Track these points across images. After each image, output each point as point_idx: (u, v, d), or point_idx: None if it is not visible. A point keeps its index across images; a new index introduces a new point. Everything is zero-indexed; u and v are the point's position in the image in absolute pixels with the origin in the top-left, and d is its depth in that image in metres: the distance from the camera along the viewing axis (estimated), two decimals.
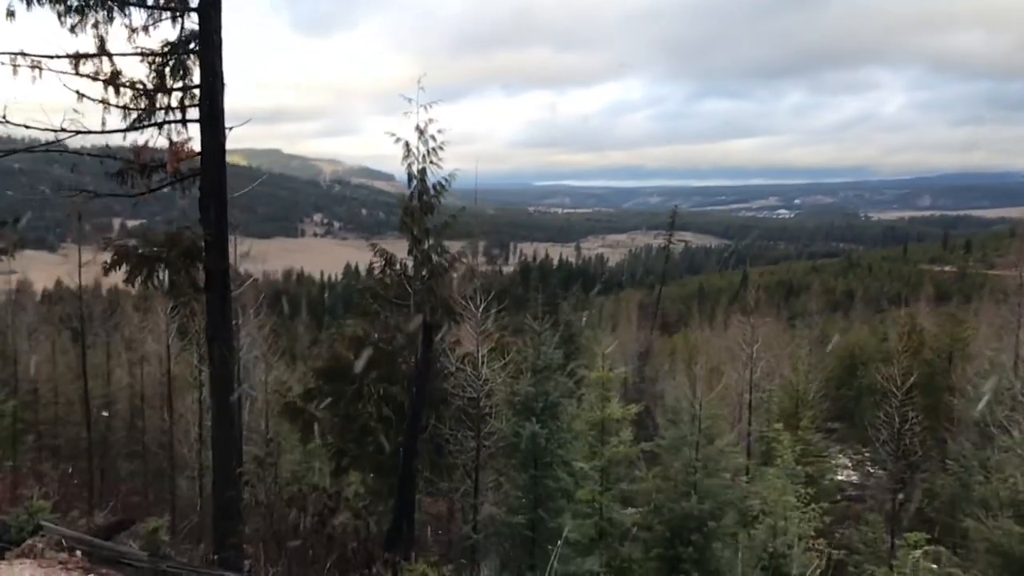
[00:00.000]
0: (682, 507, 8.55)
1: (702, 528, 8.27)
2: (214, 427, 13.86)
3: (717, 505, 8.04)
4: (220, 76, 13.33)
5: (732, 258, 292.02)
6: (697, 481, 8.22)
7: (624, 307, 65.20)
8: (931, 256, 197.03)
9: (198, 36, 13.10)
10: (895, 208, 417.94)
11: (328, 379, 13.51)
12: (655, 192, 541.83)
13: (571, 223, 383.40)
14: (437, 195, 14.63)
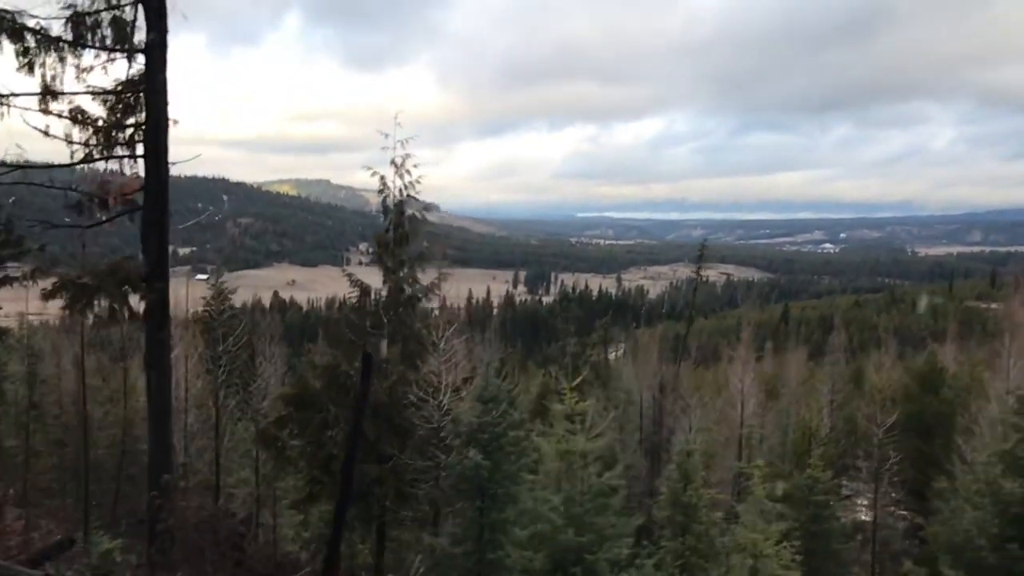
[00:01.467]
0: (560, 539, 8.69)
1: (581, 560, 8.37)
2: (151, 455, 14.27)
3: (600, 538, 8.14)
4: (165, 114, 14.00)
5: (774, 292, 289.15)
6: (580, 514, 8.37)
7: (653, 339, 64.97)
8: (978, 292, 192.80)
9: (144, 77, 13.76)
10: (943, 243, 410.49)
11: (297, 407, 13.97)
12: (698, 225, 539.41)
13: (613, 254, 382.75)
14: (413, 227, 15.07)
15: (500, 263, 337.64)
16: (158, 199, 14.13)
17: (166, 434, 14.25)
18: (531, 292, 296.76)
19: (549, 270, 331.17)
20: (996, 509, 11.70)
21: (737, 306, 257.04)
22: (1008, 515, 11.41)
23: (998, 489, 11.89)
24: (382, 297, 14.76)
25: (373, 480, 13.01)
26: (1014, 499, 11.39)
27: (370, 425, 13.02)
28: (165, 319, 14.42)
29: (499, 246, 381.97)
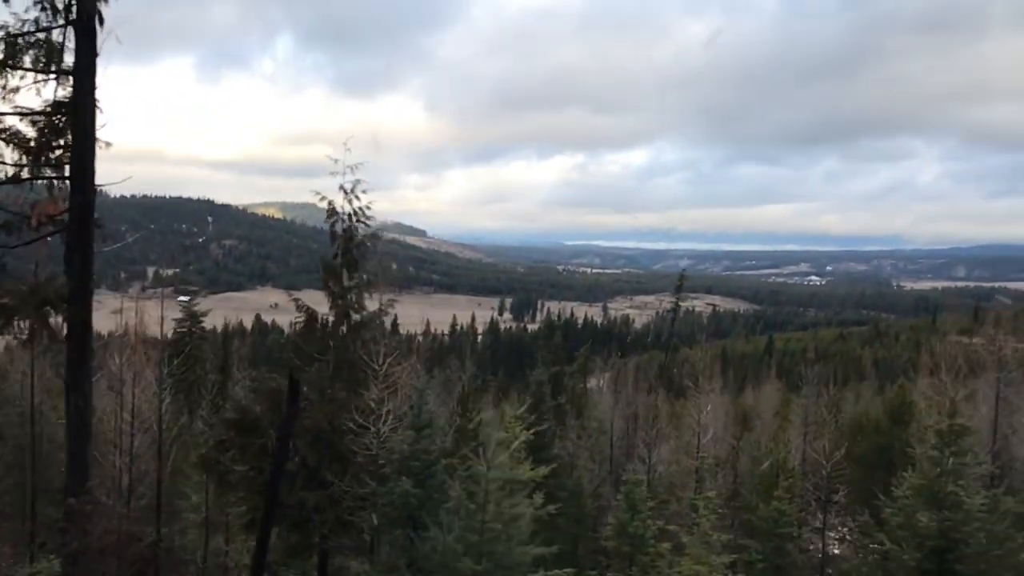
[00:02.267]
0: (456, 567, 8.54)
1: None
2: (68, 476, 14.11)
3: (498, 568, 7.96)
4: (91, 137, 14.02)
5: (760, 323, 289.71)
6: (477, 543, 8.21)
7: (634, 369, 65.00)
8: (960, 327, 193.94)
9: (71, 99, 13.78)
10: (929, 278, 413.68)
11: (239, 431, 13.75)
12: (685, 255, 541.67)
13: (600, 283, 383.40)
14: (361, 253, 14.97)
15: (486, 290, 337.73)
16: (82, 220, 14.04)
17: (83, 456, 14.08)
18: (517, 319, 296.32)
19: (536, 298, 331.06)
20: (914, 543, 11.63)
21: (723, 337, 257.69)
22: (925, 548, 11.35)
23: (916, 523, 11.83)
24: (328, 323, 14.63)
25: (313, 507, 12.80)
26: (930, 533, 11.33)
27: (311, 451, 12.84)
28: (87, 341, 14.29)
29: (486, 272, 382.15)
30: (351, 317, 14.38)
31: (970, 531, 11.14)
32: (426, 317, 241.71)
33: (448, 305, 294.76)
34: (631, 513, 15.24)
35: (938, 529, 11.35)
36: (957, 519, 11.12)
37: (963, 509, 11.11)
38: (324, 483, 12.76)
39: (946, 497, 11.35)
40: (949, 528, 11.22)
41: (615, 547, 15.57)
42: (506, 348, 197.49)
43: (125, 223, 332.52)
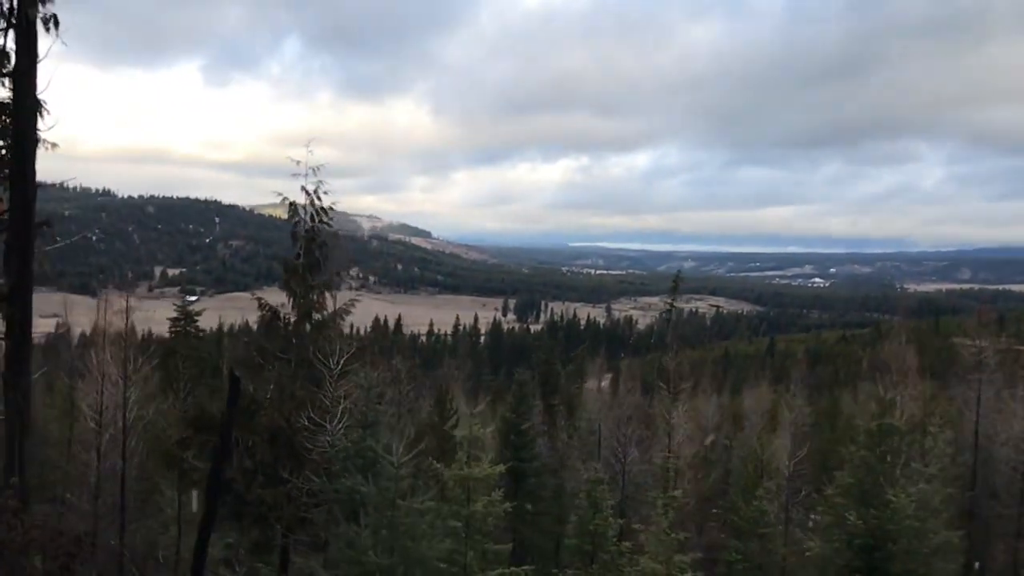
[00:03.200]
0: (363, 560, 8.66)
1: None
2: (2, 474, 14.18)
3: (406, 562, 8.08)
4: (32, 138, 14.17)
5: (763, 325, 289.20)
6: (387, 538, 8.33)
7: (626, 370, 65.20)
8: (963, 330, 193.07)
9: (12, 101, 13.94)
10: (933, 280, 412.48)
11: (198, 428, 13.93)
12: (689, 256, 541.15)
13: (603, 284, 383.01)
14: (324, 254, 15.15)
15: (491, 291, 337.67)
16: (21, 221, 14.18)
17: (19, 453, 14.15)
18: (520, 320, 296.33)
19: (539, 298, 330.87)
20: (845, 541, 11.75)
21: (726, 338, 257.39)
22: (854, 547, 11.47)
23: (844, 521, 11.95)
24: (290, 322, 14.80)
25: (271, 504, 12.97)
26: (858, 531, 11.44)
27: (268, 449, 13.01)
28: (25, 339, 14.37)
29: (490, 273, 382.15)
30: (312, 317, 14.55)
31: (897, 529, 11.26)
32: (430, 318, 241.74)
33: (452, 306, 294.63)
34: (592, 511, 15.39)
35: (866, 527, 11.48)
36: (884, 517, 11.24)
37: (890, 507, 11.23)
38: (282, 480, 12.93)
39: (875, 496, 11.47)
40: (877, 526, 11.34)
41: (576, 545, 15.73)
42: (508, 348, 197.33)
43: (132, 223, 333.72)
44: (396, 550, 7.94)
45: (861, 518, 11.56)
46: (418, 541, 8.05)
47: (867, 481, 11.87)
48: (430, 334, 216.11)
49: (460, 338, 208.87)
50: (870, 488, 11.59)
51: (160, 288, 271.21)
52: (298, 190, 14.96)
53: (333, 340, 14.45)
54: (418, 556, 7.96)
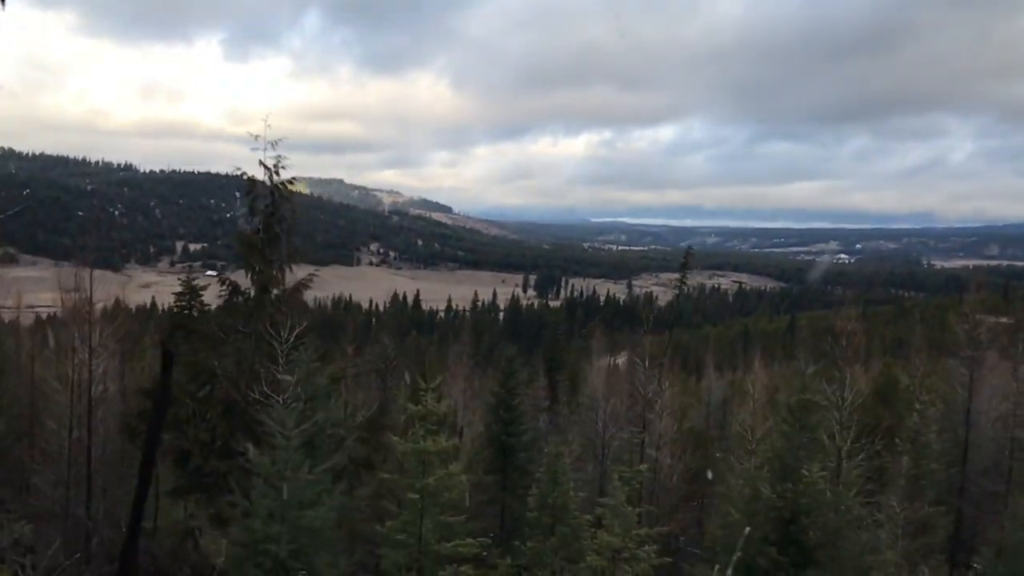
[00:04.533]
0: (251, 527, 8.76)
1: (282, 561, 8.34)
2: None
3: (293, 531, 8.17)
4: None
5: (785, 301, 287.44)
6: (276, 507, 8.46)
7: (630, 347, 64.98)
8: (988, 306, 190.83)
9: None
10: (960, 256, 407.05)
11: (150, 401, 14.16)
12: (713, 232, 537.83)
13: (625, 260, 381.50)
14: (283, 228, 15.26)
15: (511, 266, 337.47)
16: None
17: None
18: (540, 296, 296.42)
19: (560, 274, 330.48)
20: (762, 515, 11.77)
21: (748, 315, 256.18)
22: (770, 519, 11.50)
23: (759, 495, 12.00)
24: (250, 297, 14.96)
25: (222, 476, 13.20)
26: (773, 504, 11.48)
27: (223, 422, 13.22)
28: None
29: (510, 249, 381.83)
30: (270, 291, 14.69)
31: (811, 502, 11.30)
32: (449, 293, 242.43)
33: (473, 282, 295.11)
34: (552, 484, 15.51)
35: (781, 500, 11.54)
36: (799, 491, 11.29)
37: (805, 481, 11.26)
38: (236, 453, 13.13)
39: (794, 470, 11.51)
40: (792, 499, 11.39)
41: (536, 518, 15.87)
42: (526, 324, 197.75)
43: (154, 198, 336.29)
44: (286, 519, 8.10)
45: (775, 491, 11.64)
46: (305, 510, 8.19)
47: (787, 455, 11.92)
48: (448, 310, 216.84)
49: (478, 314, 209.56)
50: (790, 462, 11.65)
51: (182, 263, 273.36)
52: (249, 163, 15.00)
53: (285, 315, 14.57)
54: (305, 525, 8.11)
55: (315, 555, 8.10)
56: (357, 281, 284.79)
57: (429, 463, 14.26)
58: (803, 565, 11.12)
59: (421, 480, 14.03)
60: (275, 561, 7.79)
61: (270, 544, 7.87)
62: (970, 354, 28.29)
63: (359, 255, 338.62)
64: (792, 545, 11.23)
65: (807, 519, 11.07)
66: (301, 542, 7.99)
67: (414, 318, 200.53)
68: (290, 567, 7.83)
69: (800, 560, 11.16)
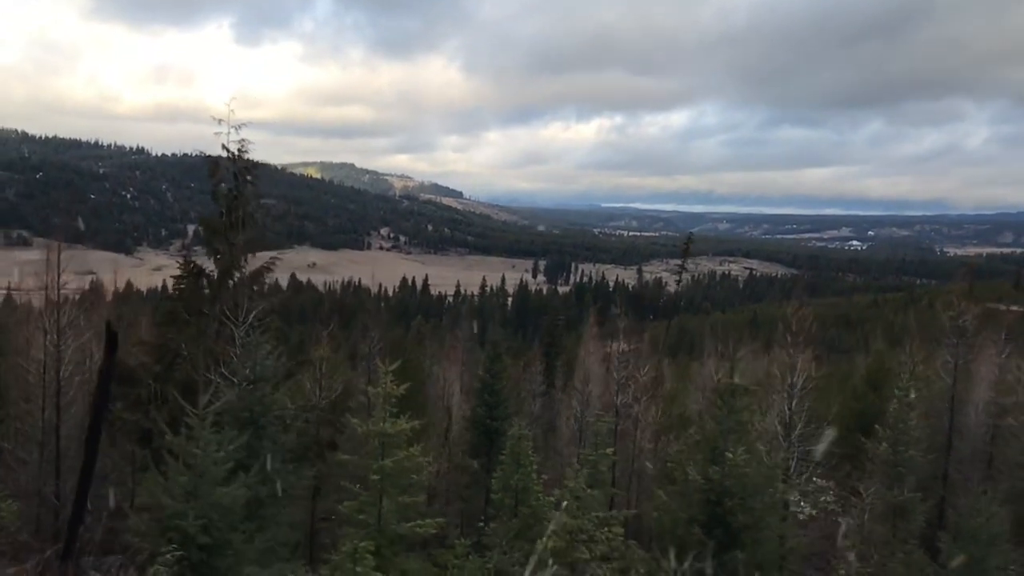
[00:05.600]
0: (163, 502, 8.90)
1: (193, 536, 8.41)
2: None
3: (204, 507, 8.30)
4: None
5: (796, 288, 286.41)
6: (187, 483, 8.59)
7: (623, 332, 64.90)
8: (999, 294, 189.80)
9: None
10: (974, 244, 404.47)
11: (121, 382, 14.33)
12: (724, 218, 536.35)
13: (636, 246, 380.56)
14: (247, 212, 15.38)
15: (521, 252, 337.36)
16: None
17: None
18: (550, 282, 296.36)
19: (570, 260, 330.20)
20: (691, 497, 11.92)
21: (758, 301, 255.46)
22: (696, 501, 11.63)
23: (685, 476, 12.13)
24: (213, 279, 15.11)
25: None
26: (699, 486, 11.60)
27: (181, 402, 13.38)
28: None
29: (520, 235, 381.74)
30: (232, 275, 14.83)
31: (735, 485, 11.42)
32: (456, 278, 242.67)
33: (482, 267, 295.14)
34: (515, 466, 15.65)
35: (708, 483, 11.66)
36: (723, 472, 11.41)
37: (729, 463, 11.37)
38: None
39: (721, 453, 11.63)
40: (718, 481, 11.51)
41: (499, 499, 16.05)
42: (534, 310, 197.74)
43: (166, 181, 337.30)
44: (199, 496, 8.28)
45: (701, 474, 11.76)
46: (214, 487, 8.36)
47: (717, 438, 12.03)
48: (456, 295, 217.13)
49: (486, 299, 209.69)
50: (719, 445, 11.76)
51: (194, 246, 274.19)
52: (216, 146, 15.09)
53: (242, 297, 14.67)
54: (215, 502, 8.28)
55: (228, 531, 8.28)
56: (367, 265, 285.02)
57: (389, 445, 14.43)
58: (729, 547, 11.25)
59: (380, 461, 14.21)
60: (185, 536, 7.98)
61: (179, 520, 8.06)
62: (955, 341, 28.20)
63: (369, 239, 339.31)
64: (719, 527, 11.36)
65: (731, 501, 11.19)
66: (211, 518, 8.17)
67: (422, 303, 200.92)
68: (200, 542, 8.02)
69: (726, 541, 11.29)
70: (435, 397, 36.24)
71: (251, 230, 15.50)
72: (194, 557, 8.18)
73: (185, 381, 13.51)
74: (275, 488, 11.35)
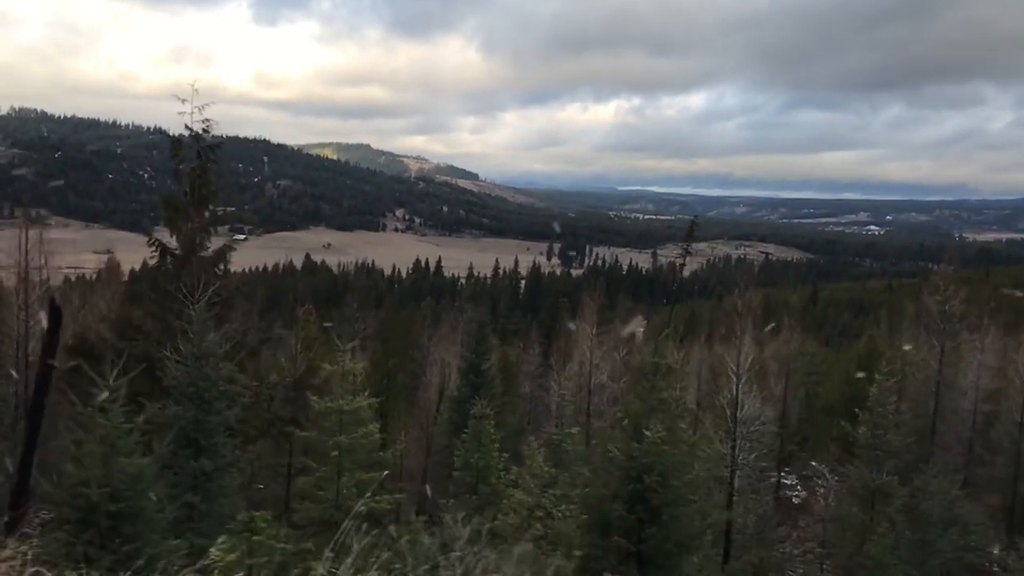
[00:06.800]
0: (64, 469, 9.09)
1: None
2: None
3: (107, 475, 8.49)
4: None
5: (812, 272, 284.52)
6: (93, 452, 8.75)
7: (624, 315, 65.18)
8: (1016, 280, 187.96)
9: None
10: (993, 229, 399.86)
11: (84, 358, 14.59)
12: (741, 202, 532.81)
13: (651, 230, 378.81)
14: (211, 191, 15.58)
15: (536, 234, 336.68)
16: None
17: None
18: (564, 264, 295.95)
19: (585, 243, 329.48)
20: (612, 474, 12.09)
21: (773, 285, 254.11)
22: (618, 477, 11.78)
23: (609, 454, 12.29)
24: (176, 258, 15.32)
25: None
26: (621, 463, 11.75)
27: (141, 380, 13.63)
28: None
29: (536, 217, 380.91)
30: (196, 253, 15.06)
31: (651, 461, 11.57)
32: (470, 260, 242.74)
33: (497, 249, 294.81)
34: (476, 445, 15.88)
35: (628, 459, 11.82)
36: (643, 450, 11.57)
37: (648, 441, 11.52)
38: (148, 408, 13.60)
39: (642, 431, 11.79)
40: (637, 458, 11.67)
41: (460, 477, 16.30)
42: (546, 292, 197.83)
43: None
44: (106, 465, 8.50)
45: (623, 451, 11.91)
46: (117, 457, 8.60)
47: (639, 416, 12.18)
48: (470, 277, 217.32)
49: (498, 281, 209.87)
50: (641, 423, 11.90)
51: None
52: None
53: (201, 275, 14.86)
54: (120, 470, 8.51)
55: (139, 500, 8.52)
56: (382, 247, 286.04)
57: (347, 422, 14.67)
58: (648, 522, 11.43)
59: (337, 438, 14.46)
60: (89, 504, 8.22)
61: (83, 487, 8.30)
62: (941, 326, 28.21)
63: (384, 221, 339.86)
64: (639, 503, 11.52)
65: (650, 478, 11.34)
66: (116, 487, 8.41)
67: (435, 285, 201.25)
68: (104, 509, 8.27)
69: (646, 517, 11.45)
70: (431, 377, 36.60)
71: (214, 209, 15.70)
72: (102, 524, 8.44)
73: (144, 357, 13.75)
74: (222, 462, 11.63)
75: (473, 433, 16.02)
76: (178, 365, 11.95)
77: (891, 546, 18.99)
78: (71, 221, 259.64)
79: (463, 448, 16.26)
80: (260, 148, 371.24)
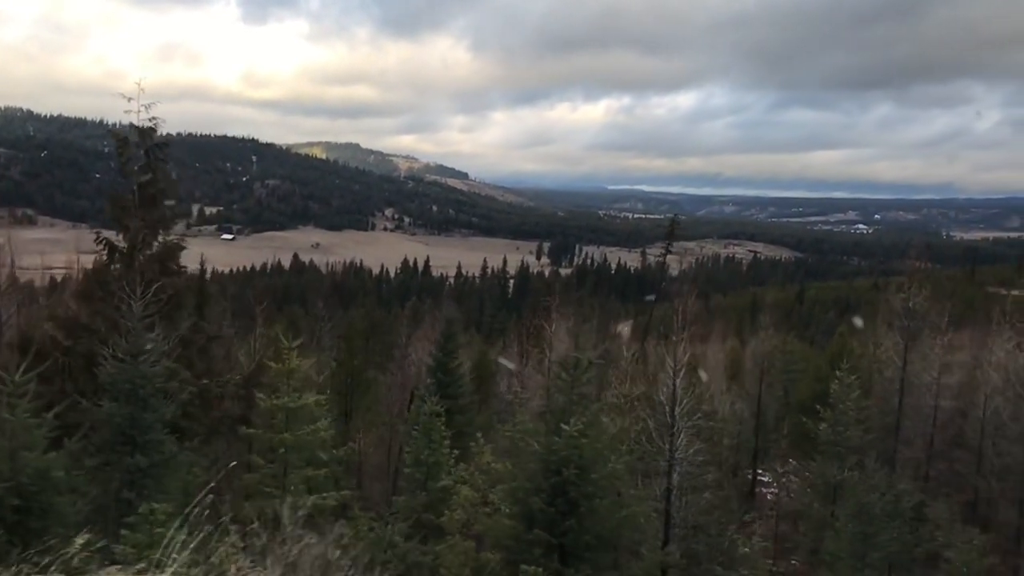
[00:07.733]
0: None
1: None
2: None
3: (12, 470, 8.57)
4: None
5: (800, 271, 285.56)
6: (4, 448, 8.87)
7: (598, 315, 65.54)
8: (1001, 278, 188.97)
9: None
10: (981, 228, 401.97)
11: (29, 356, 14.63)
12: (731, 201, 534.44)
13: (641, 229, 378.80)
14: (158, 189, 15.62)
15: (525, 233, 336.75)
16: None
17: None
18: (553, 264, 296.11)
19: (574, 242, 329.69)
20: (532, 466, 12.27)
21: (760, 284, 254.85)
22: (537, 471, 11.95)
23: (527, 447, 12.46)
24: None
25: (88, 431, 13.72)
26: (540, 456, 11.93)
27: (84, 377, 13.74)
28: None
29: (525, 216, 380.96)
30: (143, 252, 15.10)
31: (571, 455, 11.72)
32: (459, 260, 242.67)
33: (486, 248, 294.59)
34: (426, 442, 15.97)
35: (548, 452, 11.97)
36: (561, 442, 11.73)
37: (566, 434, 11.68)
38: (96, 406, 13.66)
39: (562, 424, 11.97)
40: (556, 451, 11.83)
41: (410, 474, 16.38)
42: (534, 292, 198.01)
43: (171, 161, 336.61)
44: (10, 459, 8.60)
45: (544, 445, 12.07)
46: (27, 454, 8.68)
47: (560, 411, 12.35)
48: (458, 276, 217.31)
49: (487, 280, 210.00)
50: (562, 417, 12.09)
51: (197, 227, 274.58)
52: None
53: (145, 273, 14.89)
54: (24, 465, 8.60)
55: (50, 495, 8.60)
56: (371, 246, 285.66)
57: (293, 419, 14.76)
58: (568, 515, 11.57)
59: (284, 435, 14.55)
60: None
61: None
62: (906, 324, 28.43)
63: (374, 220, 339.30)
64: (560, 496, 11.67)
65: (568, 471, 11.49)
66: (20, 481, 8.50)
67: (423, 284, 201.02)
68: (9, 503, 8.35)
69: (566, 510, 11.61)
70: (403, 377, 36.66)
71: (166, 207, 15.76)
72: (8, 519, 8.52)
73: (88, 354, 13.81)
74: (158, 458, 11.70)
75: (424, 430, 16.10)
76: (114, 362, 12.01)
77: (847, 540, 19.21)
78: (57, 221, 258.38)
79: (413, 445, 16.35)
80: (249, 147, 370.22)
